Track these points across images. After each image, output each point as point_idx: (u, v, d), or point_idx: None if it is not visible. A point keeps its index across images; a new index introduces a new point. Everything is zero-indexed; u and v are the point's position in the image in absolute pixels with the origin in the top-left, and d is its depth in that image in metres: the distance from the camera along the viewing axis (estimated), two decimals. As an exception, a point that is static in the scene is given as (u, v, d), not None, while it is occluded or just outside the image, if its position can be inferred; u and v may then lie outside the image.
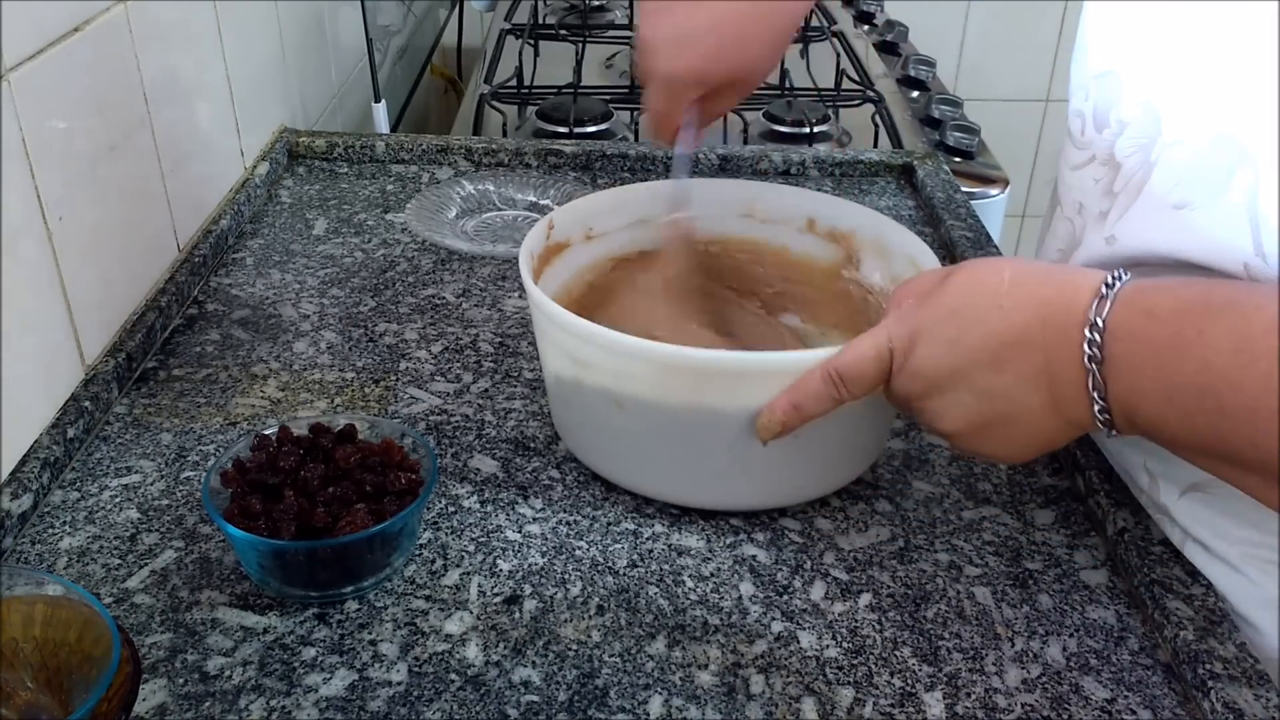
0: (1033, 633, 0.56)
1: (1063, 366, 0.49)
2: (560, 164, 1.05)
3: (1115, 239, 0.57)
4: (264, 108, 1.03)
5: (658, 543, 0.61)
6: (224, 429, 0.69)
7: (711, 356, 0.57)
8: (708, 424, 0.59)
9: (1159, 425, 0.47)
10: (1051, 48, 2.08)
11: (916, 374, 0.54)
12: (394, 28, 1.53)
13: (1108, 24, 0.59)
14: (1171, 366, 0.45)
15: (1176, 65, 0.54)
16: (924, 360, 0.53)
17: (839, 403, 0.56)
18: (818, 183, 1.05)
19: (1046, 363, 0.49)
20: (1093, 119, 0.59)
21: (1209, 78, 0.52)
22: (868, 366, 0.55)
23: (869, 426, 0.63)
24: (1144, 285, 0.48)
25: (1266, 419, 0.42)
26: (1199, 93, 0.52)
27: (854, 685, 0.53)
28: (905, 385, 0.55)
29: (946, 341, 0.52)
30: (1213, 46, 0.52)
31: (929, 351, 0.53)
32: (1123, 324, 0.47)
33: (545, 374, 0.66)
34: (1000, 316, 0.51)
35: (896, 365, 0.54)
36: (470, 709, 0.51)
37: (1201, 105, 0.52)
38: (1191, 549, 0.58)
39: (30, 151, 0.63)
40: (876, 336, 0.55)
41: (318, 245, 0.91)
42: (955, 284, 0.53)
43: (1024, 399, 0.51)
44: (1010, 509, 0.65)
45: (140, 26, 0.76)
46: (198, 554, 0.59)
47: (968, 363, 0.52)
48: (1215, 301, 0.45)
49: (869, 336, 0.55)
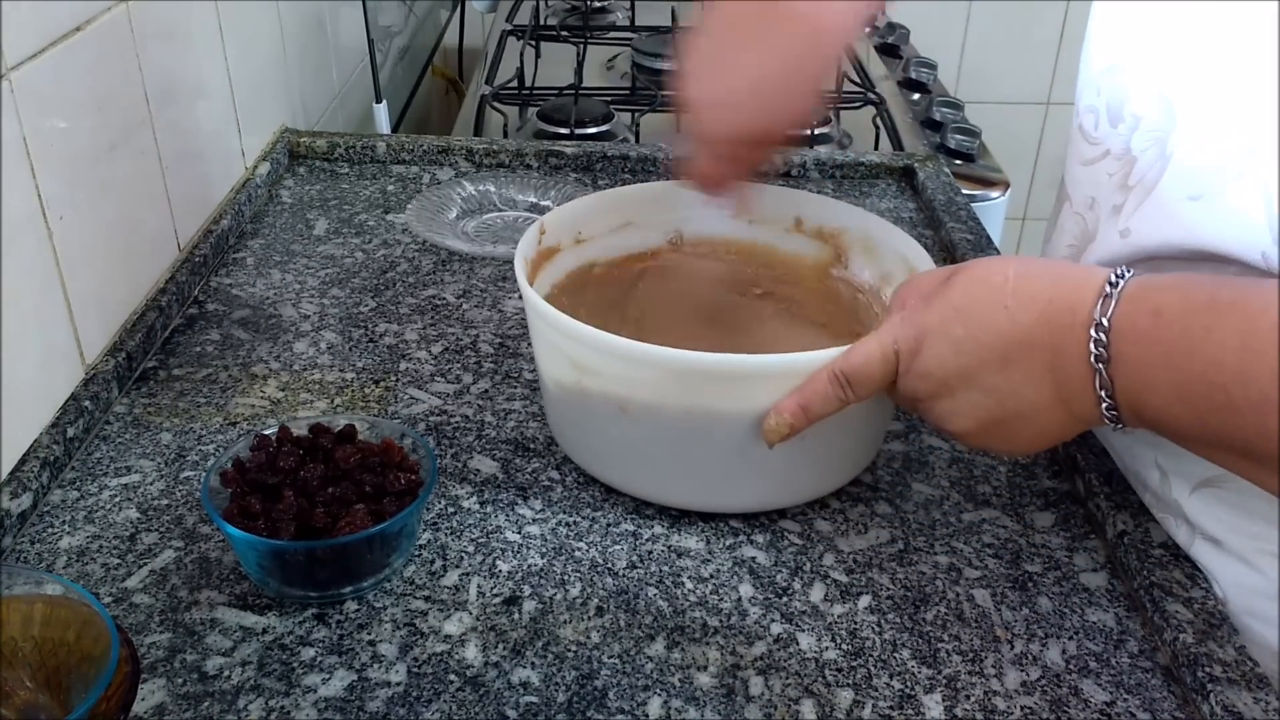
0: (1032, 635, 0.56)
1: (1069, 365, 0.49)
2: (561, 165, 1.05)
3: (1130, 232, 0.57)
4: (265, 108, 1.03)
5: (657, 544, 0.61)
6: (224, 429, 0.69)
7: (721, 360, 0.57)
8: (711, 427, 0.59)
9: (1167, 421, 0.48)
10: (1053, 50, 2.08)
11: (925, 375, 0.54)
12: (395, 28, 1.53)
13: (1118, 18, 0.59)
14: (1180, 365, 0.45)
15: (1189, 57, 0.54)
16: (931, 361, 0.53)
17: (845, 404, 0.56)
18: (818, 185, 1.05)
19: (1053, 361, 0.50)
20: (1106, 114, 0.59)
21: (1223, 68, 0.52)
22: (874, 368, 0.55)
23: (869, 425, 0.64)
24: (1149, 283, 0.48)
25: (1275, 413, 0.42)
26: (1213, 84, 0.53)
27: (853, 687, 0.53)
28: (913, 386, 0.55)
29: (953, 342, 0.52)
30: (1225, 37, 0.52)
31: (936, 352, 0.53)
32: (1130, 323, 0.47)
33: (543, 379, 0.66)
34: (1006, 317, 0.51)
35: (903, 366, 0.55)
36: (469, 710, 0.51)
37: (1216, 97, 0.52)
38: (1200, 547, 0.58)
39: (31, 151, 0.63)
40: (882, 338, 0.55)
41: (318, 245, 0.91)
42: (959, 284, 0.53)
43: (1032, 397, 0.51)
44: (1010, 511, 0.65)
45: (141, 26, 0.76)
46: (197, 554, 0.59)
47: (975, 363, 0.52)
48: (1222, 299, 0.45)
49: (874, 338, 0.55)
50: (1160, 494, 0.61)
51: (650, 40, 1.43)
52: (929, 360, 0.53)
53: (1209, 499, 0.57)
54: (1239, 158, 0.50)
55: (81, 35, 0.69)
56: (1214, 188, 0.52)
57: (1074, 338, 0.49)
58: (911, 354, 0.54)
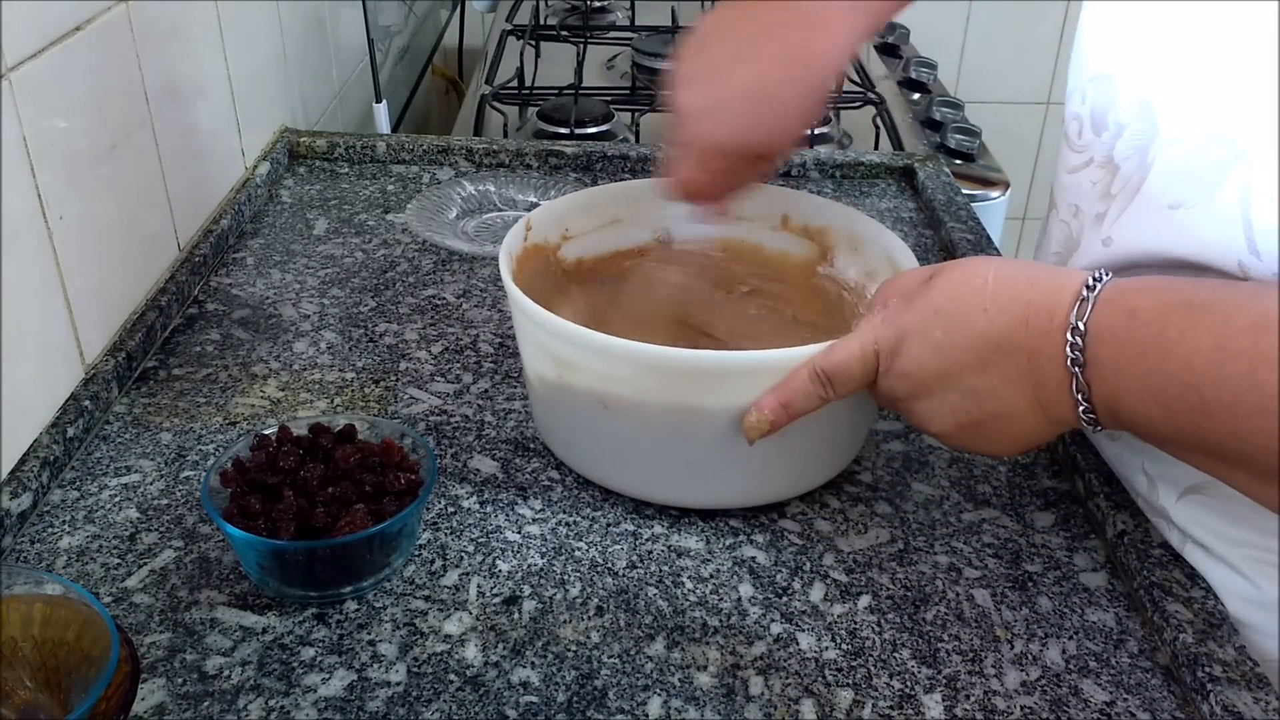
0: (1032, 635, 0.56)
1: (1046, 368, 0.49)
2: (561, 165, 1.05)
3: (1112, 240, 0.57)
4: (265, 107, 1.03)
5: (657, 544, 0.61)
6: (224, 429, 0.69)
7: (701, 356, 0.57)
8: (693, 423, 0.59)
9: (1143, 423, 0.48)
10: (1053, 50, 2.08)
11: (904, 375, 0.54)
12: (395, 28, 1.53)
13: (1105, 26, 0.59)
14: (1154, 367, 0.46)
15: (1172, 64, 0.54)
16: (910, 362, 0.53)
17: (825, 402, 0.56)
18: (818, 184, 1.05)
19: (1030, 364, 0.50)
20: (1090, 122, 0.60)
21: (1204, 76, 0.52)
22: (854, 367, 0.55)
23: (852, 422, 0.64)
24: (1126, 285, 0.48)
25: (1248, 415, 0.43)
26: (1194, 91, 0.53)
27: (853, 687, 0.53)
28: (892, 386, 0.55)
29: (932, 344, 0.53)
30: (1208, 45, 0.52)
31: (915, 353, 0.53)
32: (1106, 326, 0.47)
33: (527, 376, 0.66)
34: (985, 319, 0.51)
35: (883, 366, 0.55)
36: (469, 709, 0.51)
37: (1197, 104, 0.52)
38: (1191, 551, 0.58)
39: (31, 150, 0.63)
40: (863, 337, 0.55)
41: (318, 245, 0.91)
42: (940, 285, 0.53)
43: (1010, 399, 0.51)
44: (1010, 511, 0.65)
45: (141, 26, 0.76)
46: (197, 554, 0.59)
47: (954, 365, 0.52)
48: (1197, 301, 0.45)
49: (855, 336, 0.56)
50: (1149, 500, 0.61)
51: (650, 40, 1.43)
52: (908, 361, 0.54)
53: (1195, 505, 0.57)
54: (1218, 167, 0.50)
55: (81, 35, 0.69)
56: (1192, 196, 0.52)
57: (1051, 341, 0.49)
58: (891, 354, 0.54)
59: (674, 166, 0.64)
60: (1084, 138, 0.60)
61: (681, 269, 0.77)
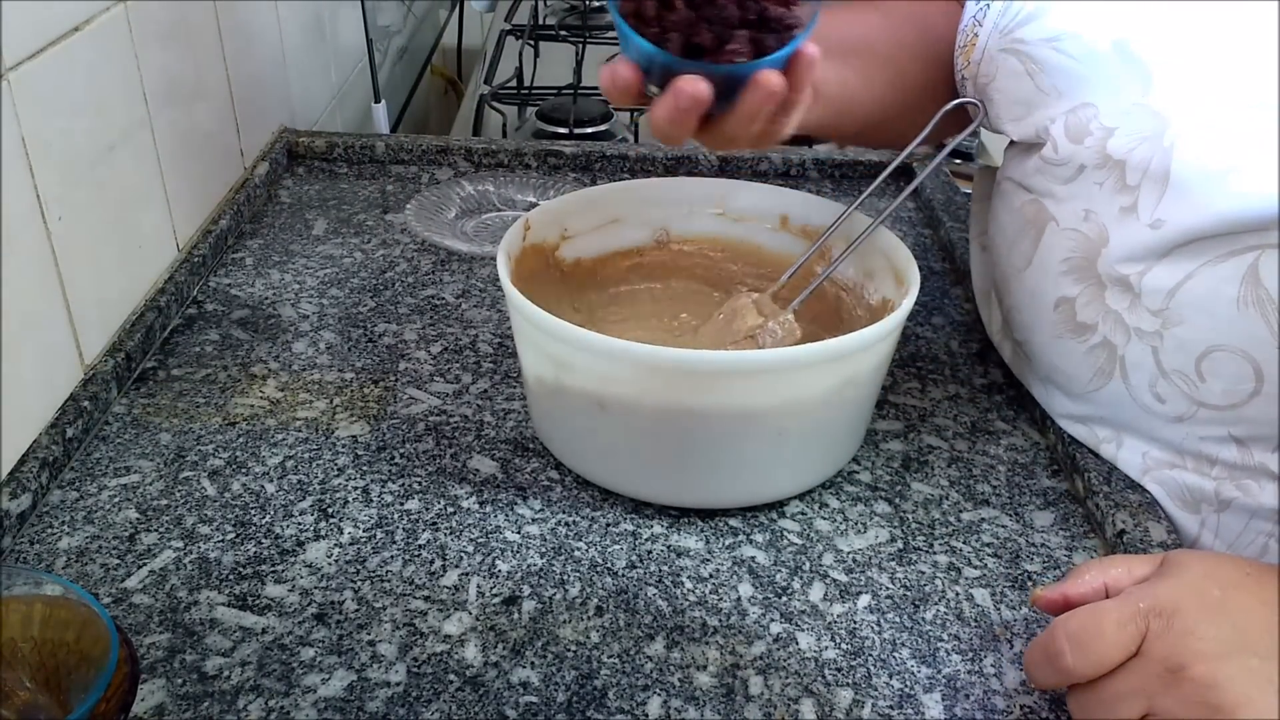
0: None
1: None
2: (560, 165, 1.05)
3: (1163, 222, 0.57)
4: (264, 108, 1.03)
5: (656, 544, 0.61)
6: (223, 429, 0.69)
7: (696, 356, 0.56)
8: (689, 423, 0.59)
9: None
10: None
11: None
12: (394, 28, 1.53)
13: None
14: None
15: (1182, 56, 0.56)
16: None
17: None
18: (817, 184, 1.05)
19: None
20: (1065, 134, 0.61)
21: (1223, 60, 0.54)
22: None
23: (849, 424, 0.64)
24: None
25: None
26: (1212, 73, 0.54)
27: (853, 687, 0.53)
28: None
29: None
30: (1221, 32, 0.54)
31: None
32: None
33: (525, 376, 0.66)
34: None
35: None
36: (469, 709, 0.51)
37: (1223, 82, 0.54)
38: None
39: (30, 151, 0.63)
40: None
41: (317, 245, 0.91)
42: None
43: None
44: (1009, 511, 0.65)
45: (140, 26, 0.76)
46: (196, 554, 0.59)
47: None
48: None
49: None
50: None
51: (649, 40, 1.42)
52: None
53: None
54: (1266, 128, 0.52)
55: (81, 35, 0.69)
56: (1244, 159, 0.53)
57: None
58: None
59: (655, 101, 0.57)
60: (1061, 152, 0.61)
61: (680, 268, 0.77)
